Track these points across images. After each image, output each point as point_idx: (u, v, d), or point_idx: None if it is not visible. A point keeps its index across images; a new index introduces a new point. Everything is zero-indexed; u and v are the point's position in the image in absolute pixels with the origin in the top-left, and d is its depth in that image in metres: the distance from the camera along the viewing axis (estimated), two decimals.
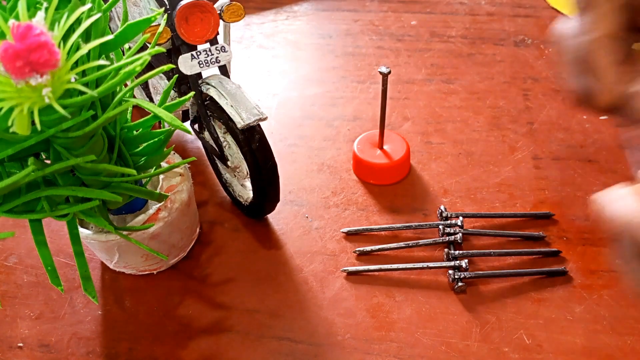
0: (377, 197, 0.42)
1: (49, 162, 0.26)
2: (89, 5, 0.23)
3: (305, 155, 0.46)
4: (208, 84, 0.36)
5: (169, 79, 0.41)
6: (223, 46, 0.36)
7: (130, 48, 0.29)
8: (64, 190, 0.27)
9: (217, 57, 0.36)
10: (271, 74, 0.55)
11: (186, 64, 0.35)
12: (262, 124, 0.35)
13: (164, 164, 0.36)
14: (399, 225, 0.39)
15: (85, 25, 0.21)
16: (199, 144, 0.46)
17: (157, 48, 0.25)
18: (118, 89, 0.26)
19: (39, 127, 0.20)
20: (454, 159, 0.45)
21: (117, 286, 0.37)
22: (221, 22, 0.36)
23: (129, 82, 0.24)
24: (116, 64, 0.24)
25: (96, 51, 0.26)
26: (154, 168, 0.33)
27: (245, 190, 0.40)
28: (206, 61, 0.35)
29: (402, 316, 0.34)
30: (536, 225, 0.39)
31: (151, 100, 0.45)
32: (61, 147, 0.25)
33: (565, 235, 0.38)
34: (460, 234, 0.37)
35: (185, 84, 0.39)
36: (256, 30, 0.61)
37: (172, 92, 0.40)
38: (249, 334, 0.34)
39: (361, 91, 0.52)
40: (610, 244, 0.25)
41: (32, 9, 0.23)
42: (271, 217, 0.41)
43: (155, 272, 0.37)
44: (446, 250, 0.37)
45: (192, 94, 0.31)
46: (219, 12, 0.35)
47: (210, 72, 0.37)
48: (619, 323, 0.34)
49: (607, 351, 0.33)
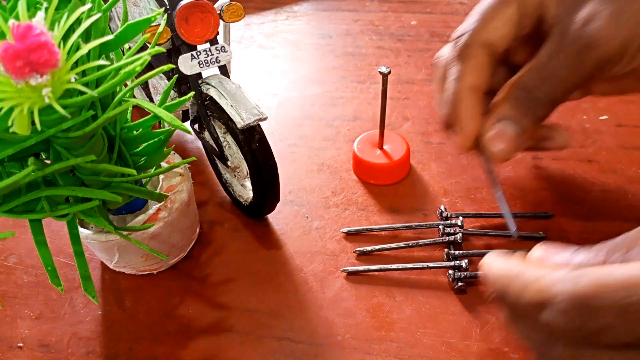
0: (377, 197, 0.42)
1: (49, 162, 0.26)
2: (89, 6, 0.23)
3: (305, 155, 0.46)
4: (208, 84, 0.36)
5: (169, 79, 0.41)
6: (223, 46, 0.36)
7: (130, 48, 0.29)
8: (64, 190, 0.27)
9: (217, 57, 0.36)
10: (271, 74, 0.55)
11: (186, 64, 0.35)
12: (262, 124, 0.35)
13: (164, 164, 0.36)
14: (399, 225, 0.39)
15: (85, 25, 0.21)
16: (199, 144, 0.46)
17: (157, 48, 0.25)
18: (118, 89, 0.26)
19: (39, 127, 0.20)
20: (454, 159, 0.45)
21: (117, 286, 0.37)
22: (221, 22, 0.36)
23: (129, 82, 0.24)
24: (116, 64, 0.24)
25: (96, 51, 0.26)
26: (154, 168, 0.33)
27: (245, 190, 0.40)
28: (206, 61, 0.35)
29: (402, 316, 0.34)
30: (536, 225, 0.39)
31: (151, 100, 0.45)
32: (61, 147, 0.25)
33: (565, 235, 0.38)
34: (460, 234, 0.37)
35: (185, 84, 0.39)
36: (256, 30, 0.62)
37: (172, 92, 0.40)
38: (249, 334, 0.34)
39: (361, 91, 0.52)
40: (495, 302, 0.26)
41: (32, 9, 0.23)
42: (271, 217, 0.41)
43: (155, 272, 0.37)
44: (446, 250, 0.37)
45: (192, 94, 0.31)
46: (219, 12, 0.35)
47: (210, 72, 0.37)
48: None
49: None
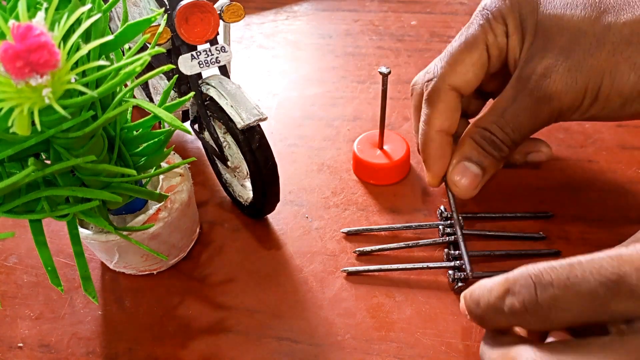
0: (377, 197, 0.42)
1: (49, 162, 0.26)
2: (89, 6, 0.23)
3: (305, 155, 0.46)
4: (208, 84, 0.36)
5: (169, 79, 0.41)
6: (223, 46, 0.36)
7: (130, 48, 0.29)
8: (64, 190, 0.27)
9: (217, 57, 0.36)
10: (271, 74, 0.55)
11: (186, 64, 0.35)
12: (262, 124, 0.35)
13: (164, 164, 0.36)
14: (399, 225, 0.39)
15: (85, 25, 0.21)
16: (199, 144, 0.46)
17: (157, 48, 0.25)
18: (118, 89, 0.26)
19: (39, 127, 0.20)
20: None
21: (117, 286, 0.37)
22: (221, 22, 0.36)
23: (129, 83, 0.24)
24: (116, 65, 0.24)
25: (96, 51, 0.26)
26: (154, 168, 0.33)
27: (245, 190, 0.40)
28: (206, 61, 0.35)
29: (402, 316, 0.34)
30: (536, 225, 0.39)
31: (151, 100, 0.45)
32: (61, 147, 0.25)
33: (565, 235, 0.38)
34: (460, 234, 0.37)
35: (185, 84, 0.39)
36: (256, 30, 0.62)
37: (172, 92, 0.40)
38: (249, 334, 0.34)
39: (361, 91, 0.52)
40: None
41: (32, 9, 0.23)
42: (271, 217, 0.41)
43: (155, 272, 0.37)
44: (446, 250, 0.37)
45: (192, 94, 0.31)
46: (219, 12, 0.35)
47: (210, 72, 0.37)
48: None
49: None
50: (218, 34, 0.35)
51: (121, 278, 0.38)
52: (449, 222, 0.39)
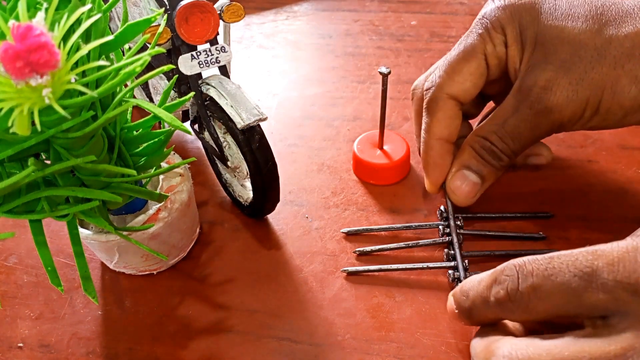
0: (377, 197, 0.42)
1: (49, 162, 0.26)
2: (89, 6, 0.23)
3: (305, 155, 0.46)
4: (208, 84, 0.36)
5: (169, 79, 0.41)
6: (223, 46, 0.36)
7: (130, 48, 0.29)
8: (64, 190, 0.27)
9: (217, 57, 0.36)
10: (271, 74, 0.55)
11: (186, 64, 0.35)
12: (262, 124, 0.35)
13: (164, 164, 0.36)
14: (399, 225, 0.39)
15: (85, 25, 0.21)
16: (199, 144, 0.46)
17: (157, 48, 0.25)
18: (118, 89, 0.26)
19: (39, 127, 0.20)
20: None
21: (117, 286, 0.37)
22: (221, 22, 0.36)
23: (129, 83, 0.24)
24: (116, 65, 0.24)
25: (96, 52, 0.26)
26: (154, 168, 0.33)
27: (245, 190, 0.40)
28: (206, 61, 0.35)
29: (402, 316, 0.34)
30: (536, 225, 0.39)
31: (151, 100, 0.45)
32: (61, 147, 0.25)
33: (565, 235, 0.38)
34: (460, 234, 0.37)
35: (185, 84, 0.39)
36: (256, 30, 0.62)
37: (172, 92, 0.40)
38: (249, 334, 0.34)
39: (361, 91, 0.52)
40: None
41: (32, 9, 0.23)
42: (271, 217, 0.41)
43: (155, 272, 0.37)
44: (446, 250, 0.37)
45: (192, 94, 0.31)
46: (219, 12, 0.35)
47: (210, 72, 0.37)
48: None
49: None
50: (218, 34, 0.35)
51: (121, 278, 0.38)
52: (448, 222, 0.39)
